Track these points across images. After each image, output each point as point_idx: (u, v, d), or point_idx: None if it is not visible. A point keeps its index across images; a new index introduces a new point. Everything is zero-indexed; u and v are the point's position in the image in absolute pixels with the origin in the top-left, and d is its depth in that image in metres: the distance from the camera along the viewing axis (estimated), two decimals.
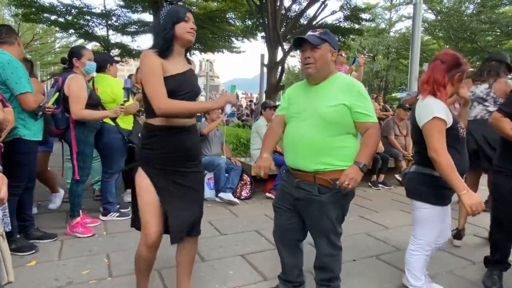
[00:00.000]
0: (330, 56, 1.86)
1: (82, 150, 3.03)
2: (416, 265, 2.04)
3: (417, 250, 2.04)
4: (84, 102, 2.92)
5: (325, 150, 1.79)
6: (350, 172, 1.73)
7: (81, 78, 2.98)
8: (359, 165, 1.75)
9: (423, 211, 2.00)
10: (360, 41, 22.44)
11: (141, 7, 14.47)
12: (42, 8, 13.03)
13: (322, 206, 1.82)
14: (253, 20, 13.88)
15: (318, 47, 1.81)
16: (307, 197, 1.84)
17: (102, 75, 3.44)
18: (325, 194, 1.80)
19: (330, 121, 1.78)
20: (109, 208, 3.50)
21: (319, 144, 1.79)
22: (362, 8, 13.61)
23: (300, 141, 1.84)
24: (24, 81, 2.53)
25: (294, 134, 1.89)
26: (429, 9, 20.29)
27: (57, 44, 25.31)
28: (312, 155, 1.81)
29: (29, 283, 2.22)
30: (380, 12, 26.43)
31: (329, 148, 1.79)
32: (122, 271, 2.43)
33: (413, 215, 2.07)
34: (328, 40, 1.85)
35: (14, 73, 2.49)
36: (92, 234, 3.06)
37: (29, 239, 2.80)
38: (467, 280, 2.45)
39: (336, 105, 1.78)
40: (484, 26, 17.25)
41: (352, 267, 2.60)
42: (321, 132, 1.79)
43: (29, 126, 2.63)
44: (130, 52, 16.74)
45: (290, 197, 1.94)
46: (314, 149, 1.80)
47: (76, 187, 3.09)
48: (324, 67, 1.84)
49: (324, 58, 1.83)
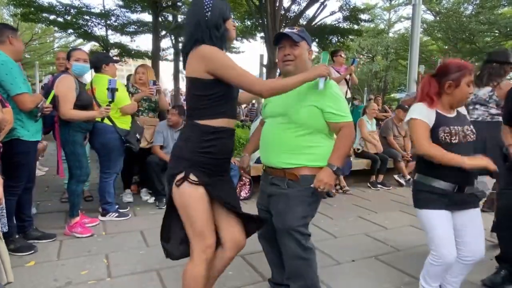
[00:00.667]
0: (307, 55, 1.87)
1: (73, 150, 3.02)
2: (429, 271, 1.96)
3: (431, 259, 1.93)
4: (72, 102, 2.92)
5: (294, 149, 1.79)
6: (323, 176, 1.72)
7: (70, 78, 2.97)
8: (332, 168, 1.73)
9: (420, 218, 1.97)
10: (359, 42, 22.48)
11: (140, 7, 14.47)
12: (41, 8, 13.01)
13: (288, 200, 1.80)
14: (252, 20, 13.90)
15: (297, 44, 1.81)
16: (277, 192, 1.85)
17: (100, 75, 3.43)
18: (293, 189, 1.80)
19: (299, 122, 1.78)
20: (108, 209, 3.50)
21: (288, 144, 1.80)
22: (361, 9, 13.65)
23: (271, 140, 1.86)
24: (19, 82, 2.52)
25: (266, 133, 1.92)
26: (428, 10, 20.34)
27: (56, 44, 25.26)
28: (281, 154, 1.81)
29: (28, 283, 2.22)
30: (379, 12, 26.49)
31: (298, 147, 1.79)
32: (121, 272, 2.43)
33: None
34: (306, 38, 1.85)
35: (9, 74, 2.47)
36: (91, 234, 3.05)
37: (28, 239, 2.80)
38: (465, 280, 2.45)
39: (306, 106, 1.77)
40: (482, 27, 17.28)
41: (351, 267, 2.60)
42: (290, 131, 1.79)
43: (27, 127, 2.63)
44: (129, 52, 16.72)
45: (265, 195, 1.95)
46: (283, 148, 1.81)
47: (76, 187, 3.08)
48: (302, 64, 1.83)
49: (303, 56, 1.84)
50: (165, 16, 15.78)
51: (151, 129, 4.13)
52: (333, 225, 3.51)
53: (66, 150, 3.04)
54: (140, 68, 4.20)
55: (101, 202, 3.53)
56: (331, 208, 4.12)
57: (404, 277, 2.46)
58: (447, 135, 1.85)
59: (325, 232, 3.31)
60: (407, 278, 2.45)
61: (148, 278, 2.35)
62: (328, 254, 2.81)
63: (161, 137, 4.07)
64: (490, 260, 2.73)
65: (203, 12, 1.54)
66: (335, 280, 2.38)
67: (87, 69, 3.17)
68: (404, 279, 2.44)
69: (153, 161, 3.96)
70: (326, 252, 2.83)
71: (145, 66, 4.32)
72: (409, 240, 3.15)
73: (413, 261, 2.71)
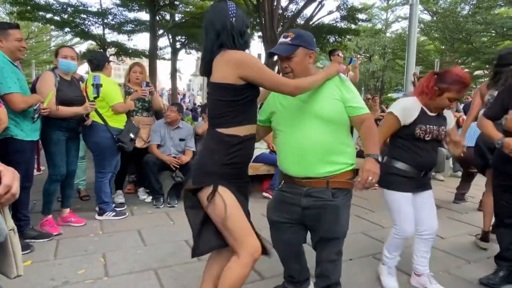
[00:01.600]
0: (308, 59, 1.79)
1: (48, 149, 3.01)
2: (392, 244, 2.28)
3: (394, 233, 2.25)
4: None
5: (334, 150, 1.76)
6: (370, 166, 1.65)
7: (49, 75, 2.99)
8: (374, 156, 1.68)
9: (387, 197, 2.23)
10: (357, 41, 22.49)
11: (138, 5, 14.43)
12: (38, 6, 12.94)
13: (337, 210, 1.78)
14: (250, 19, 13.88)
15: (291, 56, 1.75)
16: (320, 204, 1.78)
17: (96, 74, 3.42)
18: (338, 198, 1.78)
19: (331, 120, 1.74)
20: (105, 208, 3.49)
21: (328, 146, 1.74)
22: (359, 9, 13.69)
23: (307, 147, 1.74)
24: (10, 81, 2.50)
25: (297, 142, 1.77)
26: (425, 10, 20.40)
27: (52, 42, 25.12)
28: (322, 159, 1.74)
29: (24, 282, 2.20)
30: (376, 12, 26.53)
31: (337, 147, 1.76)
32: (118, 271, 2.42)
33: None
34: (302, 43, 1.76)
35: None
36: (57, 233, 3.02)
37: (24, 239, 2.77)
38: (463, 279, 2.46)
39: (331, 102, 1.74)
40: (479, 27, 17.34)
41: (348, 266, 2.60)
42: (327, 133, 1.74)
43: (21, 126, 2.62)
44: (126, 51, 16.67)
45: (297, 208, 1.84)
46: (324, 152, 1.74)
47: (48, 186, 3.08)
48: (303, 72, 1.75)
49: (301, 64, 1.77)
50: (163, 15, 15.76)
51: (147, 129, 4.12)
52: None
53: (44, 148, 3.05)
54: (137, 68, 4.17)
55: (97, 202, 3.52)
56: None
57: (402, 276, 2.46)
58: (422, 132, 2.08)
59: None
60: (404, 276, 2.45)
61: (145, 277, 2.35)
62: None
63: (158, 136, 4.06)
64: (487, 259, 2.75)
65: (229, 18, 1.54)
66: None
67: (74, 66, 3.12)
68: (402, 277, 2.44)
69: (150, 160, 3.95)
70: None
71: (142, 66, 4.30)
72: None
73: (410, 259, 2.72)
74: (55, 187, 3.13)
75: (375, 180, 1.64)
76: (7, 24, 2.80)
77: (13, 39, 2.61)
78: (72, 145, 3.20)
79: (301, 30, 1.87)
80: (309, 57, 1.80)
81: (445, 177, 5.95)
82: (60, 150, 3.05)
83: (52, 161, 3.03)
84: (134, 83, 4.06)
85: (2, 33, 2.58)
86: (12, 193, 0.88)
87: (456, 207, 4.25)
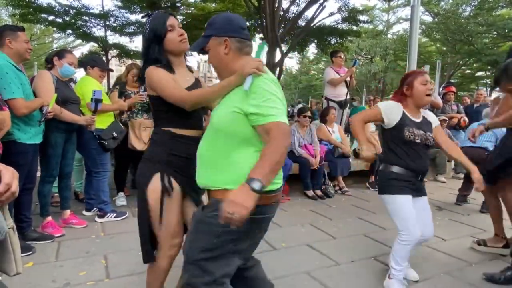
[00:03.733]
0: (223, 49, 1.43)
1: (44, 151, 3.01)
2: (400, 252, 2.22)
3: (401, 240, 2.21)
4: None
5: (214, 165, 1.41)
6: (236, 196, 1.17)
7: (47, 74, 2.98)
8: (252, 184, 1.17)
9: (389, 203, 2.26)
10: (358, 43, 22.51)
11: (139, 7, 14.47)
12: (40, 9, 13.01)
13: (195, 222, 1.47)
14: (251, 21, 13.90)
15: (204, 50, 1.50)
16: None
17: (84, 77, 3.56)
18: (204, 211, 1.43)
19: (221, 131, 1.39)
20: (105, 208, 3.49)
21: (206, 158, 1.44)
22: (360, 10, 13.69)
23: (197, 154, 1.50)
24: (14, 87, 2.53)
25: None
26: (427, 11, 20.40)
27: (54, 44, 25.23)
28: (201, 170, 1.47)
29: (25, 284, 2.21)
30: (378, 14, 26.57)
31: (219, 164, 1.39)
32: (119, 272, 2.42)
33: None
34: (212, 32, 1.45)
35: (3, 78, 2.50)
36: (61, 234, 3.03)
37: (25, 240, 2.78)
38: (464, 281, 2.45)
39: (229, 111, 1.37)
40: (481, 28, 17.34)
41: (350, 268, 2.60)
42: (211, 144, 1.43)
43: (24, 130, 2.65)
44: (128, 53, 16.73)
45: None
46: (203, 163, 1.46)
47: (42, 187, 3.09)
48: (220, 65, 1.48)
49: (216, 57, 1.47)
50: None
51: (148, 131, 4.11)
52: (332, 226, 3.51)
53: (40, 149, 3.03)
54: (135, 71, 4.14)
55: (96, 202, 3.51)
56: (330, 209, 4.12)
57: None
58: (411, 134, 2.19)
59: (324, 233, 3.31)
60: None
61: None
62: (327, 255, 2.80)
63: None
64: (489, 261, 2.74)
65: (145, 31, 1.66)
66: (334, 281, 2.38)
67: (74, 73, 3.25)
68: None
69: None
70: (325, 253, 2.82)
71: (139, 68, 4.28)
72: None
73: (412, 262, 2.71)
74: (49, 188, 3.15)
75: (238, 216, 1.14)
76: (15, 26, 2.85)
77: (22, 41, 2.68)
78: (69, 147, 3.21)
79: (217, 16, 1.50)
80: (225, 46, 1.43)
81: (447, 178, 5.94)
82: (57, 153, 3.06)
83: (46, 163, 3.05)
84: (132, 86, 4.06)
85: (12, 34, 2.64)
86: (11, 191, 0.91)
87: (458, 209, 4.24)
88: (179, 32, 1.65)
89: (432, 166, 6.21)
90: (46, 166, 3.06)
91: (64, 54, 3.12)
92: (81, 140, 3.35)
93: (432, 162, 6.04)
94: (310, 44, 15.71)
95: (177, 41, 1.63)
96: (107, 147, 3.43)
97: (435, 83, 12.37)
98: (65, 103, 3.01)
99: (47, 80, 2.93)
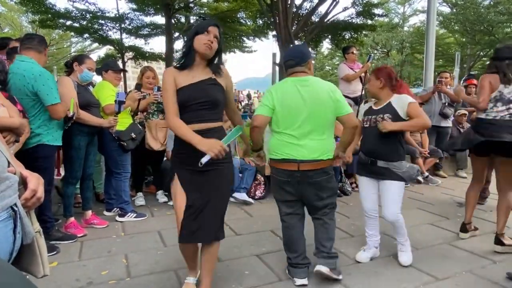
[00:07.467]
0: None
1: (68, 153, 3.11)
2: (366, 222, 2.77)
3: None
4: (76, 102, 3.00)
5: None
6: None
7: (68, 80, 3.04)
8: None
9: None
10: (373, 37, 22.16)
11: (153, 10, 14.67)
12: (58, 14, 13.36)
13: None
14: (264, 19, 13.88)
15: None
16: None
17: (101, 82, 3.62)
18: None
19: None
20: (126, 208, 3.57)
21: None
22: (375, 3, 13.45)
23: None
24: (55, 92, 2.67)
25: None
26: (444, 2, 19.86)
27: (72, 48, 25.91)
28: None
29: (51, 283, 2.28)
30: (393, 6, 26.04)
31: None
32: (140, 271, 2.47)
33: None
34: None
35: (46, 84, 2.62)
36: (83, 234, 3.10)
37: (50, 240, 2.87)
38: (487, 280, 2.39)
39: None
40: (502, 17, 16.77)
41: (369, 266, 2.57)
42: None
43: (52, 132, 2.77)
44: (143, 55, 16.97)
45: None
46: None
47: (66, 189, 3.18)
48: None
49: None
50: (178, 18, 15.94)
51: (164, 131, 4.17)
52: (350, 224, 3.48)
53: (64, 152, 3.16)
54: (149, 73, 4.19)
55: (117, 202, 3.60)
56: (347, 207, 4.08)
57: (423, 276, 2.42)
58: (365, 122, 2.62)
59: (342, 231, 3.28)
60: (426, 277, 2.41)
61: (166, 277, 2.39)
62: (346, 253, 2.79)
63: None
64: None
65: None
66: (353, 280, 2.36)
67: (92, 78, 3.37)
68: (423, 278, 2.40)
69: (168, 167, 3.98)
70: (344, 251, 2.81)
71: (154, 70, 4.34)
72: (427, 239, 3.10)
73: (432, 260, 2.66)
74: (72, 190, 3.25)
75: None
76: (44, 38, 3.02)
77: (46, 52, 2.88)
78: (91, 149, 3.30)
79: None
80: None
81: (468, 174, 5.78)
82: (80, 155, 3.16)
83: (70, 165, 3.14)
84: (147, 88, 4.12)
85: (44, 45, 2.85)
86: (37, 197, 0.95)
87: (480, 205, 4.13)
88: (209, 38, 1.84)
89: (452, 162, 6.06)
90: (70, 169, 3.15)
91: (83, 59, 3.19)
92: (102, 142, 3.44)
93: (452, 157, 5.90)
94: (324, 40, 15.56)
95: (202, 43, 1.83)
96: (126, 148, 3.51)
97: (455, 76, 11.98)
98: (87, 107, 3.11)
99: (69, 86, 3.00)
